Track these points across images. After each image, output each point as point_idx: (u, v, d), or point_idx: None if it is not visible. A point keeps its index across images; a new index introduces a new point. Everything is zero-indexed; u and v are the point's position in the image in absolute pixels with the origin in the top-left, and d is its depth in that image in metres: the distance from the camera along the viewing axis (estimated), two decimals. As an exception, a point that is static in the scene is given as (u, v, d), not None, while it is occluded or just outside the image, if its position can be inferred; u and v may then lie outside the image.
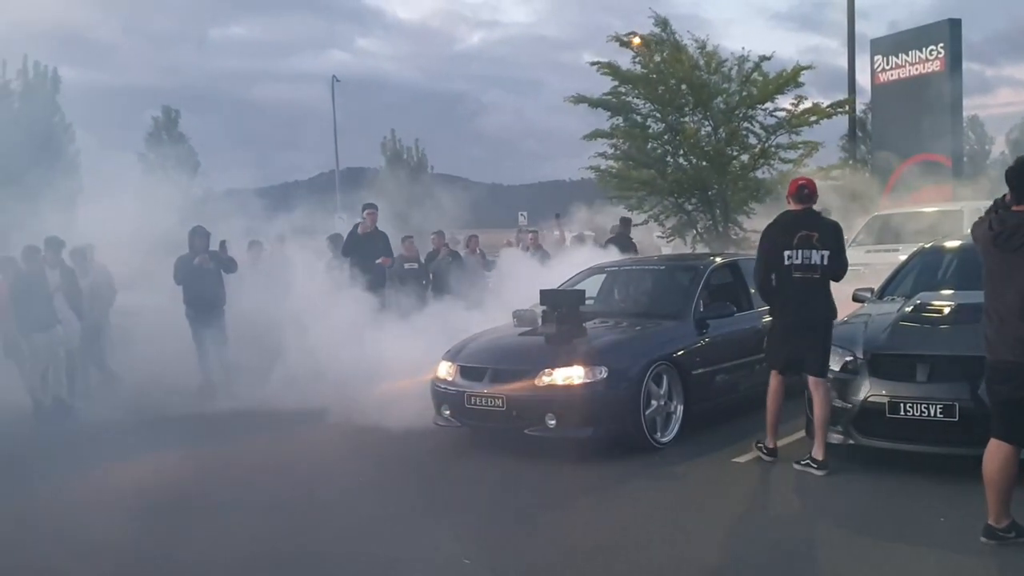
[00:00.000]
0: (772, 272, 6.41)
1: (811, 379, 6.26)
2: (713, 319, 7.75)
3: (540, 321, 7.75)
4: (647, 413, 6.94)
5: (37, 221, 12.93)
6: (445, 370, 7.59)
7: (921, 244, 8.68)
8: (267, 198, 16.84)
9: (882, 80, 19.19)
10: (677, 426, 7.23)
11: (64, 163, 17.63)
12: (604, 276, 9.14)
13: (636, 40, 15.28)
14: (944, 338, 6.22)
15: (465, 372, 7.41)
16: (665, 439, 7.10)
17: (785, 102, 15.45)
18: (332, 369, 8.84)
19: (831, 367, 6.29)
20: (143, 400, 9.63)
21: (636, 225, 16.56)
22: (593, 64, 15.52)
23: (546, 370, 6.92)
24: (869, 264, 11.82)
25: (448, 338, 8.02)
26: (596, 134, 15.76)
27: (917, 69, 19.41)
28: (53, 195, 15.52)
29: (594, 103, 15.46)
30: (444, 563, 4.90)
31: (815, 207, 6.55)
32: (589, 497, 6.06)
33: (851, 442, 6.19)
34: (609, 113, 15.62)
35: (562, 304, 7.58)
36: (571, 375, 6.84)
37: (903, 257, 11.57)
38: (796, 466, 6.23)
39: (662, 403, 7.11)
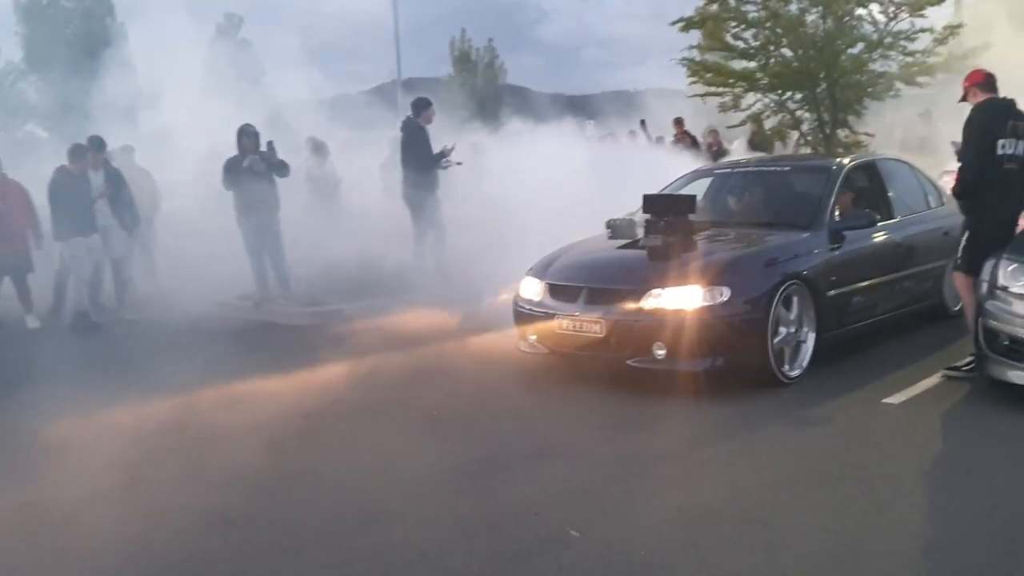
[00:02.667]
0: (983, 162, 5.68)
1: (964, 276, 5.75)
2: (851, 230, 6.49)
3: (641, 232, 6.55)
4: (775, 342, 5.80)
5: (91, 125, 12.23)
6: (531, 288, 6.50)
7: None
8: (328, 108, 16.13)
9: None
10: (808, 357, 6.08)
11: (119, 65, 16.68)
12: (712, 180, 7.85)
13: None
14: None
15: (555, 291, 6.30)
16: (794, 373, 5.98)
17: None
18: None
19: (1016, 288, 5.22)
20: (192, 313, 8.84)
21: (732, 127, 15.05)
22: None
23: (654, 290, 5.78)
24: None
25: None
26: (691, 23, 14.05)
27: None
28: (106, 99, 14.82)
29: None
30: (547, 534, 3.86)
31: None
32: (713, 447, 4.94)
33: None
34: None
35: (670, 211, 6.37)
36: (686, 297, 5.69)
37: None
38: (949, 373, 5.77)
39: (792, 330, 5.95)
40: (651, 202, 6.55)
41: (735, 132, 15.18)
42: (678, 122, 16.14)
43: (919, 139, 12.65)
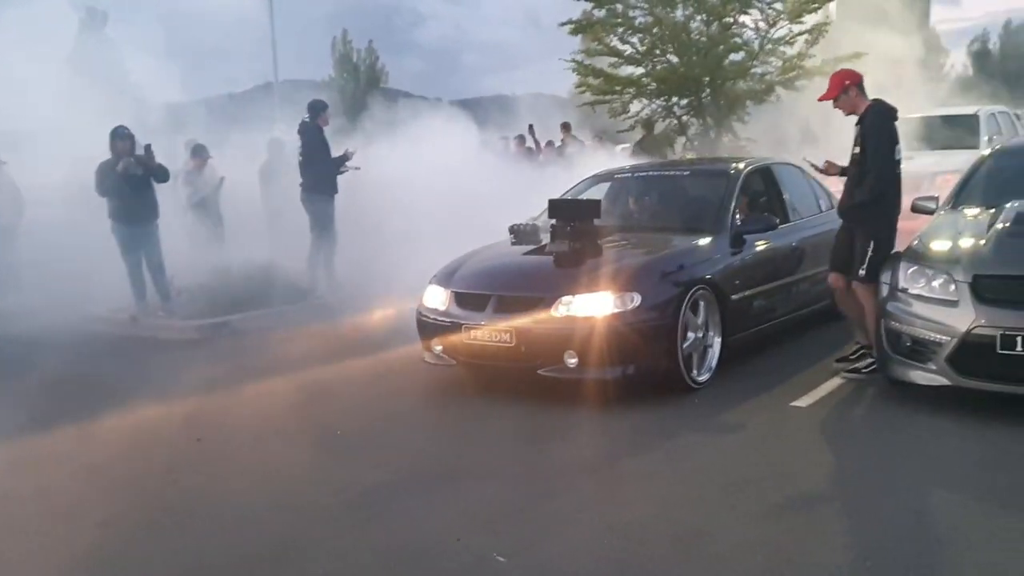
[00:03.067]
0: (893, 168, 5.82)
1: (868, 284, 5.73)
2: (752, 234, 6.55)
3: (546, 238, 6.40)
4: (684, 347, 5.77)
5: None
6: (435, 297, 6.27)
7: (995, 146, 7.50)
8: (200, 110, 15.45)
9: None
10: (715, 362, 6.09)
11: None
12: (611, 185, 7.77)
13: None
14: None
15: (462, 300, 6.09)
16: (702, 378, 5.96)
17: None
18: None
19: (915, 290, 5.29)
20: (61, 329, 8.13)
21: (622, 132, 15.16)
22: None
23: (564, 298, 5.64)
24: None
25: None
26: (579, 27, 14.04)
27: None
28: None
29: None
30: (472, 561, 3.63)
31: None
32: (634, 458, 4.82)
33: (946, 383, 5.05)
34: (592, 3, 13.91)
35: (576, 216, 6.25)
36: (597, 304, 5.58)
37: (916, 165, 10.83)
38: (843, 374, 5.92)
39: (700, 335, 5.93)
40: (557, 207, 6.41)
41: (625, 137, 15.29)
42: (565, 127, 16.18)
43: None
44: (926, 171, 10.53)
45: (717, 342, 6.10)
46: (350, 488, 4.45)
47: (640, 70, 14.16)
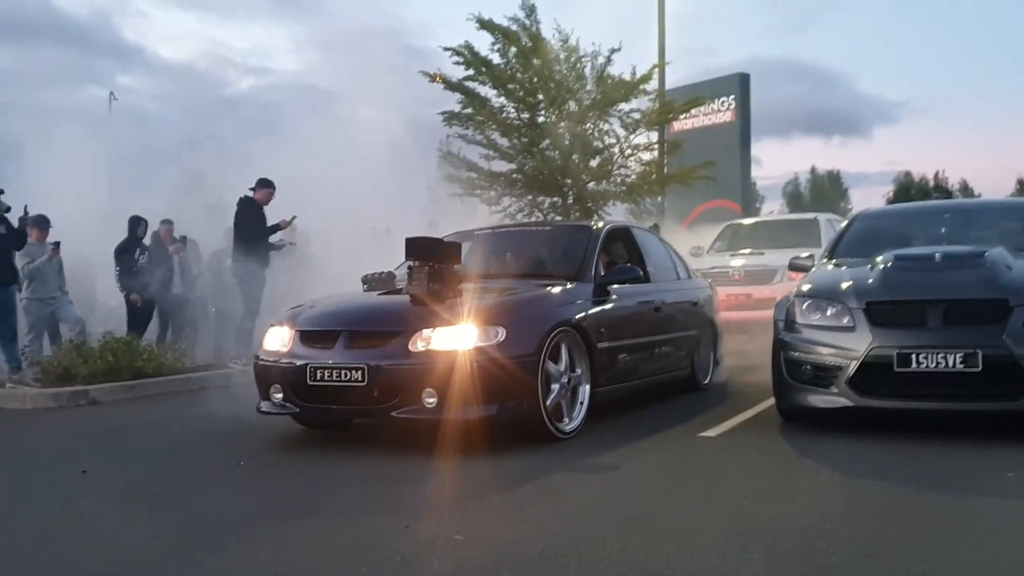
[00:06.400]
0: None
1: None
2: (618, 283, 6.37)
3: (402, 285, 5.96)
4: (552, 392, 5.38)
5: None
6: (277, 339, 5.66)
7: (864, 208, 8.23)
8: None
9: (676, 128, 19.18)
10: (584, 412, 5.69)
11: None
12: (472, 243, 7.35)
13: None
14: (950, 282, 5.25)
15: (308, 338, 5.50)
16: (569, 427, 5.53)
17: (644, 103, 14.50)
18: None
19: (812, 322, 5.49)
20: None
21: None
22: (447, 50, 13.96)
23: (424, 331, 5.16)
24: (743, 266, 11.45)
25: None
26: (454, 117, 14.01)
27: (710, 119, 20.36)
28: None
29: (452, 86, 13.83)
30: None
31: None
32: (498, 495, 4.27)
33: (849, 404, 5.24)
34: (463, 101, 13.99)
35: (435, 257, 5.72)
36: (459, 337, 5.11)
37: (767, 260, 11.28)
38: None
39: (566, 380, 5.54)
40: (414, 246, 5.81)
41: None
42: None
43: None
44: (778, 264, 10.97)
45: (586, 390, 5.73)
46: (156, 539, 3.70)
47: (512, 166, 14.22)
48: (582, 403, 5.68)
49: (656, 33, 17.26)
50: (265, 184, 10.04)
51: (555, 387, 5.41)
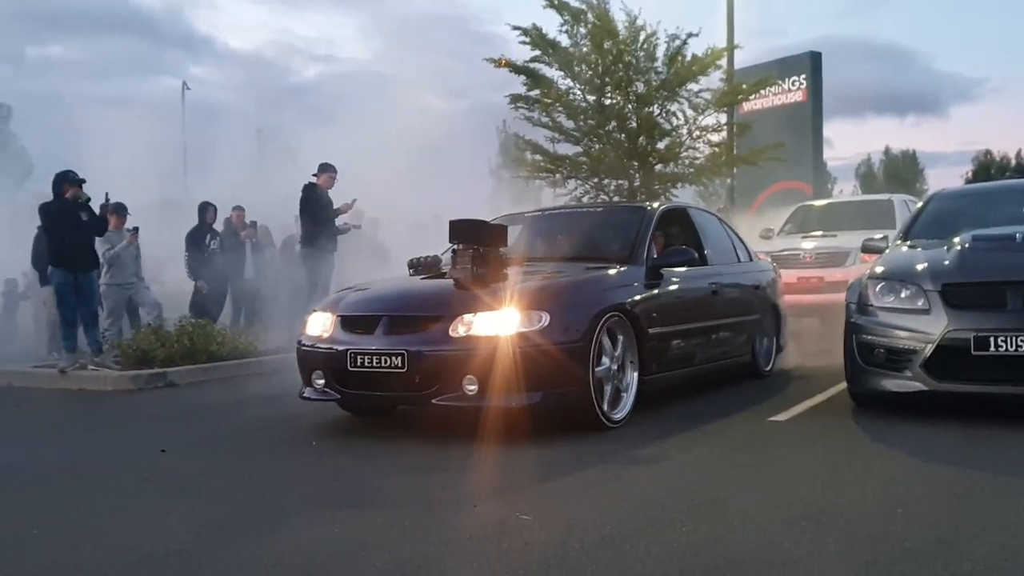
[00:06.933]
0: None
1: None
2: (670, 266, 6.16)
3: (447, 267, 5.85)
4: (597, 377, 5.18)
5: None
6: (319, 324, 5.61)
7: (940, 189, 7.95)
8: None
9: (745, 109, 18.62)
10: (631, 402, 5.50)
11: None
12: (521, 226, 7.20)
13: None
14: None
15: (348, 323, 5.43)
16: (618, 416, 5.35)
17: (713, 81, 14.24)
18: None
19: (886, 304, 5.40)
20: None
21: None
22: (515, 28, 13.75)
23: (465, 316, 5.05)
24: (815, 248, 11.08)
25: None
26: (518, 98, 13.94)
27: (780, 99, 19.82)
28: None
29: (518, 69, 13.77)
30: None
31: None
32: (541, 484, 4.22)
33: (923, 388, 5.16)
34: (527, 84, 13.91)
35: (480, 240, 5.52)
36: (500, 322, 4.98)
37: (840, 242, 11.02)
38: None
39: (615, 367, 5.38)
40: (459, 229, 5.61)
41: None
42: None
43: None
44: (851, 246, 10.68)
45: (634, 378, 5.54)
46: (203, 525, 3.79)
47: (578, 149, 14.11)
48: (630, 391, 5.51)
49: (724, 12, 16.98)
50: (327, 168, 10.17)
51: (604, 374, 5.26)
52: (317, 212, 10.07)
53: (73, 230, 8.47)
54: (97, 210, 8.85)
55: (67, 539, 3.45)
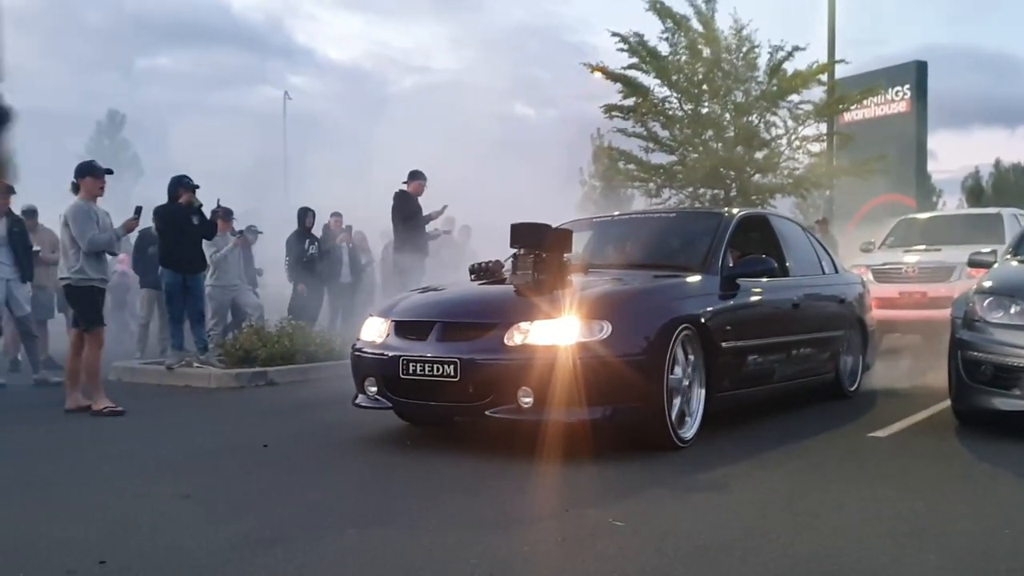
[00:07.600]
0: None
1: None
2: (747, 276, 5.79)
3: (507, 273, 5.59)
4: (671, 393, 4.91)
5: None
6: (373, 329, 5.45)
7: None
8: None
9: (846, 119, 17.97)
10: (699, 420, 5.17)
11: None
12: (591, 233, 6.91)
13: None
14: None
15: (402, 329, 5.23)
16: (689, 435, 5.05)
17: (815, 92, 13.98)
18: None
19: (994, 320, 5.31)
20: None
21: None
22: (614, 35, 13.86)
23: (521, 324, 4.77)
24: (918, 262, 10.62)
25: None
26: (613, 108, 13.96)
27: (883, 109, 19.19)
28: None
29: (614, 76, 13.78)
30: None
31: None
32: (596, 510, 3.79)
33: None
34: (623, 92, 13.91)
35: (542, 245, 5.19)
36: (559, 331, 4.68)
37: (944, 256, 10.62)
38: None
39: (686, 383, 5.07)
40: (520, 233, 5.28)
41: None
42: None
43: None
44: (956, 261, 10.31)
45: (701, 394, 5.20)
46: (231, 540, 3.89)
47: (673, 158, 14.02)
48: (699, 409, 5.16)
49: (825, 20, 16.67)
50: (416, 176, 10.30)
51: (674, 389, 4.95)
52: (407, 218, 10.28)
53: (185, 233, 8.83)
54: (208, 215, 9.21)
55: (180, 526, 3.63)
